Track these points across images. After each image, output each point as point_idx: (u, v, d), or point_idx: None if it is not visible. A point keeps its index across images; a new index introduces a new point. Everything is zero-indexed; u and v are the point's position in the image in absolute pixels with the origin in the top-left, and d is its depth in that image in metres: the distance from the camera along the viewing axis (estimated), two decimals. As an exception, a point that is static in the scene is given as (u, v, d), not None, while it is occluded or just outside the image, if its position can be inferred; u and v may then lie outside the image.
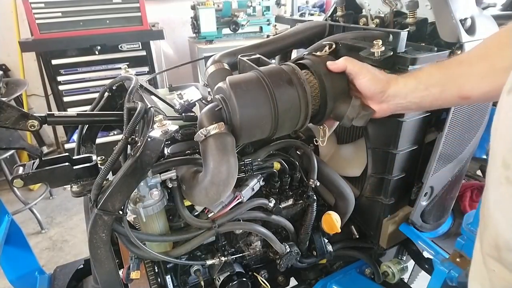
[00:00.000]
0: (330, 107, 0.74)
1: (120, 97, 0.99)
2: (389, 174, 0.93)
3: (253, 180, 0.87)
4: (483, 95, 0.63)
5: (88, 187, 0.73)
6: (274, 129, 0.73)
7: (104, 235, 0.70)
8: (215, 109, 0.72)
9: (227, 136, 0.69)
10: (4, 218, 1.39)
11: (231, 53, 0.99)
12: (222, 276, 0.94)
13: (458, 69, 0.65)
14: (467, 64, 0.64)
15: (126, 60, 2.72)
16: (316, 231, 1.03)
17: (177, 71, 1.49)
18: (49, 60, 2.59)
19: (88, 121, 0.90)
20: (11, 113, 0.67)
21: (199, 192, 0.72)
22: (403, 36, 0.78)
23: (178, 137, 0.86)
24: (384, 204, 0.98)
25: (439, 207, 1.03)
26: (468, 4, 0.86)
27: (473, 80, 0.63)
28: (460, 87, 0.64)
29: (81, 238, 2.41)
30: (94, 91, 2.74)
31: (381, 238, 1.04)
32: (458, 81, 0.65)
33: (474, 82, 0.63)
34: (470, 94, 0.64)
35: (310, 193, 0.96)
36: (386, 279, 1.13)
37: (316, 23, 1.09)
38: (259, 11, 3.37)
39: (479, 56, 0.64)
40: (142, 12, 2.63)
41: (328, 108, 0.74)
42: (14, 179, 0.68)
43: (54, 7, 2.43)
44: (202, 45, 3.03)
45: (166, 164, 0.75)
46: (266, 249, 1.00)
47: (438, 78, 0.67)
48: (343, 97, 0.74)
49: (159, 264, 0.90)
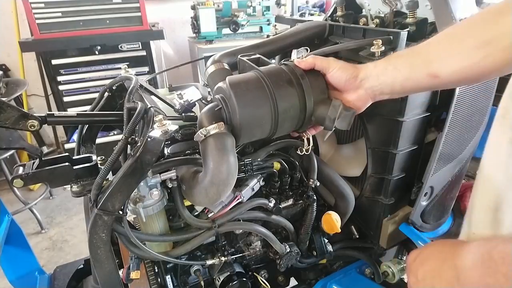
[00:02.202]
0: (310, 108, 0.73)
1: (120, 97, 0.99)
2: (389, 174, 0.93)
3: (253, 180, 0.87)
4: (453, 74, 0.62)
5: (88, 187, 0.73)
6: (274, 129, 0.73)
7: (104, 235, 0.70)
8: (215, 109, 0.72)
9: (227, 136, 0.69)
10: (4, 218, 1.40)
11: (231, 53, 0.99)
12: (222, 276, 0.94)
13: (426, 48, 0.66)
14: (434, 43, 0.65)
15: (126, 60, 2.72)
16: (316, 231, 1.03)
17: (177, 71, 1.49)
18: (49, 60, 2.59)
19: (88, 121, 0.90)
20: (11, 113, 0.67)
21: (199, 192, 0.72)
22: (403, 36, 0.78)
23: (178, 137, 0.86)
24: (384, 204, 0.98)
25: (439, 207, 1.03)
26: (468, 4, 0.86)
27: (441, 57, 0.63)
28: (428, 65, 0.64)
29: (81, 238, 2.41)
30: (94, 91, 2.74)
31: (381, 238, 1.04)
32: (425, 59, 0.64)
33: (442, 59, 0.63)
34: (439, 72, 0.63)
35: (310, 193, 0.96)
36: (386, 279, 1.13)
37: (316, 23, 1.09)
38: (259, 11, 3.37)
39: (447, 35, 0.64)
40: (142, 12, 2.63)
41: (307, 110, 0.73)
42: (14, 179, 0.68)
43: (54, 7, 2.43)
44: (202, 45, 3.03)
45: (166, 164, 0.75)
46: (266, 249, 1.00)
47: (406, 57, 0.68)
48: (323, 99, 0.73)
49: (159, 264, 0.90)
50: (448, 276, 0.52)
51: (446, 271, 0.53)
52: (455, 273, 0.51)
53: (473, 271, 0.48)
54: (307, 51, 0.79)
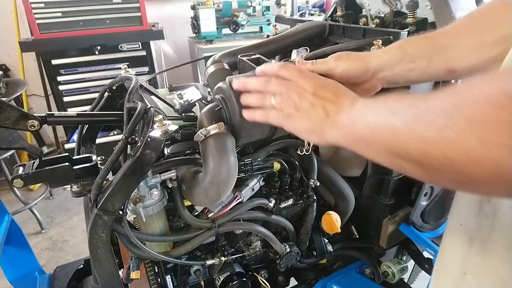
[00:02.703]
0: None
1: (120, 97, 0.99)
2: (389, 174, 0.93)
3: (253, 180, 0.87)
4: (469, 68, 0.61)
5: (88, 187, 0.73)
6: (274, 129, 0.73)
7: (104, 235, 0.70)
8: (215, 109, 0.72)
9: (227, 136, 0.69)
10: (4, 218, 1.40)
11: (231, 53, 0.99)
12: (222, 276, 0.94)
13: (445, 40, 0.63)
14: (454, 35, 0.62)
15: (126, 60, 2.72)
16: (316, 231, 1.03)
17: (177, 71, 1.49)
18: (49, 60, 2.59)
19: (88, 121, 0.90)
20: (11, 113, 0.67)
21: (199, 192, 0.72)
22: (403, 36, 0.78)
23: (178, 137, 0.86)
24: (384, 204, 0.98)
25: (439, 207, 1.03)
26: (468, 4, 0.86)
27: (461, 52, 0.61)
28: (447, 60, 0.62)
29: (81, 238, 2.41)
30: (94, 91, 2.73)
31: (381, 238, 1.04)
32: (445, 54, 0.62)
33: (461, 54, 0.61)
34: (457, 67, 0.61)
35: (310, 193, 0.96)
36: (386, 279, 1.13)
37: (316, 23, 1.09)
38: (259, 11, 3.37)
39: (467, 28, 0.61)
40: (142, 12, 2.63)
41: None
42: (14, 179, 0.68)
43: (54, 7, 2.43)
44: (202, 45, 3.03)
45: (166, 164, 0.75)
46: (266, 249, 1.00)
47: (425, 49, 0.64)
48: None
49: (159, 264, 0.90)
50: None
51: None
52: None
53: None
54: (307, 51, 0.79)
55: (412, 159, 0.40)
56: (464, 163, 0.34)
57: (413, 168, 0.41)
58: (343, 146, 0.52)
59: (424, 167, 0.39)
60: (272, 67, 0.65)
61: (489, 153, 0.32)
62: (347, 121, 0.50)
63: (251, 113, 0.64)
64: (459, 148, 0.34)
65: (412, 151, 0.39)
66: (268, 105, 0.61)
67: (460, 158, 0.34)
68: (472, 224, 0.55)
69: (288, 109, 0.58)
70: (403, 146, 0.40)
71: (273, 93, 0.61)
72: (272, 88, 0.62)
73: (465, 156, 0.33)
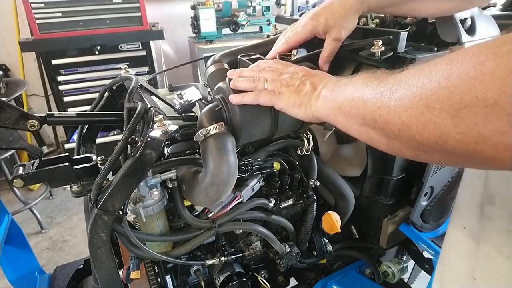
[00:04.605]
0: None
1: (120, 97, 0.99)
2: (389, 174, 0.93)
3: (253, 180, 0.87)
4: (427, 16, 0.81)
5: (88, 187, 0.73)
6: (274, 129, 0.73)
7: (104, 235, 0.70)
8: (215, 109, 0.72)
9: (227, 136, 0.69)
10: (4, 218, 1.40)
11: (231, 53, 0.99)
12: (222, 276, 0.94)
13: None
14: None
15: (126, 60, 2.72)
16: (316, 231, 1.03)
17: (177, 71, 1.49)
18: (49, 60, 2.59)
19: (88, 121, 0.90)
20: (11, 113, 0.66)
21: (199, 192, 0.72)
22: (403, 36, 0.77)
23: (178, 137, 0.86)
24: (384, 204, 0.98)
25: (439, 207, 1.03)
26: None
27: (422, 4, 0.75)
28: (410, 9, 0.76)
29: (81, 238, 2.41)
30: (94, 91, 2.73)
31: (381, 238, 1.04)
32: (409, 4, 0.75)
33: (422, 6, 0.75)
34: (418, 15, 0.81)
35: (310, 193, 0.96)
36: (386, 279, 1.13)
37: (316, 23, 1.09)
38: (259, 11, 3.37)
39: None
40: (142, 12, 2.63)
41: None
42: (14, 179, 0.68)
43: (54, 7, 2.43)
44: (202, 45, 3.03)
45: (166, 164, 0.75)
46: (266, 249, 1.00)
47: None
48: None
49: (159, 264, 0.90)
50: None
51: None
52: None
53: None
54: (306, 51, 0.79)
55: (378, 127, 0.44)
56: (416, 127, 0.37)
57: (379, 137, 0.45)
58: (325, 119, 0.57)
59: (386, 134, 0.43)
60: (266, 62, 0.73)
61: (434, 118, 0.35)
62: (331, 94, 0.55)
63: (240, 97, 0.67)
64: (411, 113, 0.38)
65: (378, 119, 0.43)
66: (260, 87, 0.65)
67: (412, 122, 0.38)
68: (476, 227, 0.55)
69: (279, 88, 0.63)
70: (372, 115, 0.44)
71: (265, 78, 0.66)
72: (265, 74, 0.67)
73: (415, 120, 0.37)
